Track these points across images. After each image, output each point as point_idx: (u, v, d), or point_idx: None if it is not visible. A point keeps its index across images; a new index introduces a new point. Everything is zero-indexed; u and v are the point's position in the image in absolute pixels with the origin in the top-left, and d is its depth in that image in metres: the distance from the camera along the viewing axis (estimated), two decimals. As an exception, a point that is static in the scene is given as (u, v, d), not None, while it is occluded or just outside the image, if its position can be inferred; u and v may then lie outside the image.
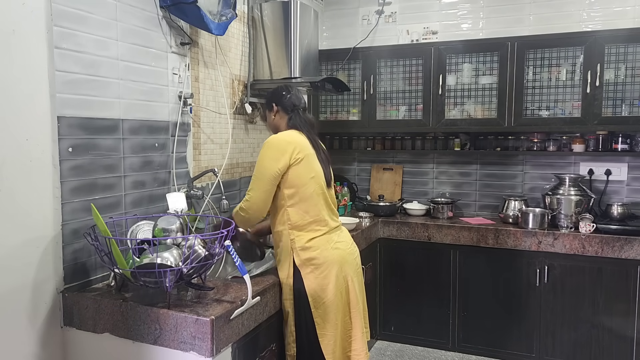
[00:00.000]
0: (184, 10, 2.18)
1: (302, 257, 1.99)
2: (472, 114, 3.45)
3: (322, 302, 1.97)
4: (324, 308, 1.98)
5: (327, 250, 2.00)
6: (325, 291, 1.98)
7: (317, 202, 2.03)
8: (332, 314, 1.98)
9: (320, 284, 1.98)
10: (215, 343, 1.57)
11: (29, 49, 1.65)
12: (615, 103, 3.14)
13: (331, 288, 1.98)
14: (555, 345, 3.07)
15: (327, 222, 2.06)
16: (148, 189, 2.16)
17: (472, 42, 3.43)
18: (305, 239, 2.00)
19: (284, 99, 2.19)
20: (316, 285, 1.97)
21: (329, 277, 1.99)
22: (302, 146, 2.04)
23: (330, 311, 1.98)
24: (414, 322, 3.40)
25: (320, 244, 2.00)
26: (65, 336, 1.81)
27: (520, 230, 3.08)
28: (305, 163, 2.01)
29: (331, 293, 1.98)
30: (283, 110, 2.19)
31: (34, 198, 1.68)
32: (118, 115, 1.99)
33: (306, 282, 1.97)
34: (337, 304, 2.00)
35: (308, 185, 2.01)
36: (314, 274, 1.98)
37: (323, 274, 1.98)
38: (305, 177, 2.01)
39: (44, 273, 1.73)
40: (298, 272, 1.99)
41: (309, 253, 1.99)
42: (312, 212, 2.02)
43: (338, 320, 2.01)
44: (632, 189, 3.30)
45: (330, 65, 3.74)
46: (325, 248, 2.01)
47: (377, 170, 3.93)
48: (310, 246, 1.99)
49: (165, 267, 1.59)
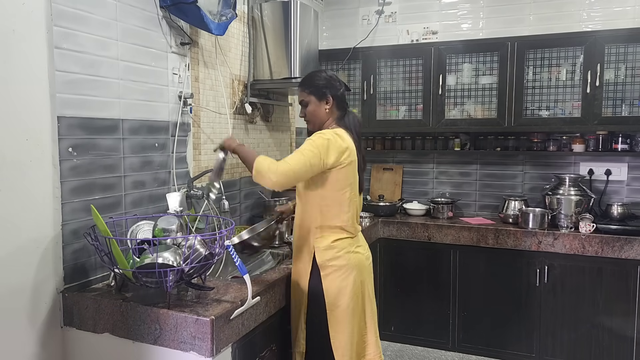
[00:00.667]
0: (184, 10, 2.18)
1: (324, 258, 1.96)
2: (472, 114, 3.45)
3: (338, 305, 1.95)
4: (340, 311, 1.95)
5: (348, 254, 1.98)
6: (343, 294, 1.95)
7: (350, 209, 1.99)
8: (347, 317, 1.96)
9: (339, 286, 1.95)
10: (215, 343, 1.57)
11: (29, 49, 1.64)
12: (615, 103, 3.14)
13: (348, 292, 1.96)
14: (555, 345, 3.07)
15: (355, 228, 2.04)
16: (148, 189, 2.16)
17: (472, 42, 3.43)
18: (329, 240, 1.97)
19: (339, 92, 2.04)
20: (335, 288, 1.95)
21: (348, 280, 1.96)
22: (352, 151, 1.97)
23: (346, 314, 1.96)
24: (414, 322, 3.40)
25: (343, 246, 1.98)
26: (65, 336, 1.81)
27: (520, 230, 3.08)
28: (349, 168, 1.95)
29: (348, 297, 1.96)
30: (337, 104, 2.04)
31: (34, 198, 1.68)
32: (118, 115, 1.99)
33: (325, 283, 1.94)
34: (354, 308, 1.98)
35: (345, 191, 1.96)
36: (334, 275, 1.95)
37: (342, 276, 1.96)
38: (345, 182, 1.95)
39: (44, 273, 1.73)
40: (317, 272, 1.96)
41: (332, 254, 1.96)
42: (343, 216, 1.98)
43: (354, 324, 1.99)
44: (632, 189, 3.30)
45: (330, 65, 3.74)
46: (347, 251, 1.98)
47: (377, 170, 3.94)
48: (333, 247, 1.96)
49: (166, 267, 1.59)
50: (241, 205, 2.94)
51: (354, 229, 2.05)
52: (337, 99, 2.03)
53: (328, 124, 2.03)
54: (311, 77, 2.07)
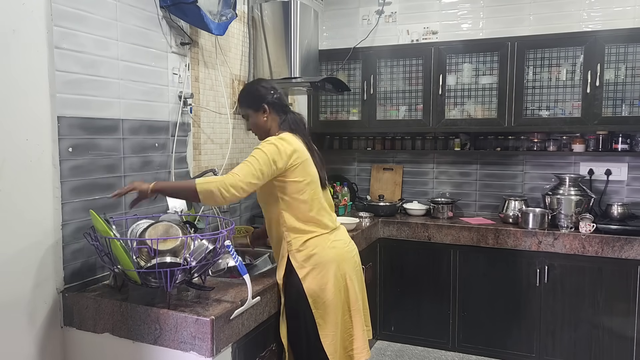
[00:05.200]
0: (184, 10, 2.18)
1: (299, 259, 1.96)
2: (472, 114, 3.45)
3: (322, 302, 1.96)
4: (324, 308, 1.96)
5: (324, 250, 1.99)
6: (324, 291, 1.96)
7: (313, 206, 2.00)
8: (332, 313, 1.97)
9: (319, 283, 1.96)
10: (215, 343, 1.57)
11: (29, 49, 1.65)
12: (615, 103, 3.14)
13: (330, 287, 1.97)
14: (555, 345, 3.07)
15: (325, 224, 2.04)
16: (148, 189, 2.16)
17: (472, 42, 3.43)
18: (301, 240, 1.97)
19: (273, 97, 2.05)
20: (315, 286, 1.96)
21: (327, 276, 1.97)
22: (301, 151, 1.98)
23: (330, 311, 1.97)
24: (414, 322, 3.40)
25: (316, 243, 1.98)
26: (65, 336, 1.81)
27: (520, 230, 3.08)
28: (301, 168, 1.96)
29: (330, 292, 1.97)
30: (275, 111, 2.06)
31: (34, 198, 1.68)
32: (118, 115, 1.99)
33: (305, 284, 1.95)
34: (337, 303, 1.99)
35: (304, 191, 1.97)
36: (312, 274, 1.96)
37: (321, 273, 1.97)
38: (301, 183, 1.96)
39: (44, 273, 1.73)
40: (295, 275, 1.96)
41: (306, 254, 1.96)
42: (308, 215, 1.99)
43: (338, 319, 2.00)
44: (632, 189, 3.30)
45: (330, 65, 3.74)
46: (322, 247, 1.99)
47: (377, 170, 3.93)
48: (306, 247, 1.97)
49: (175, 266, 1.59)
50: (241, 205, 2.94)
51: (326, 225, 2.04)
52: (272, 105, 2.04)
53: (273, 130, 2.05)
54: (245, 91, 2.12)
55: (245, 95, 2.10)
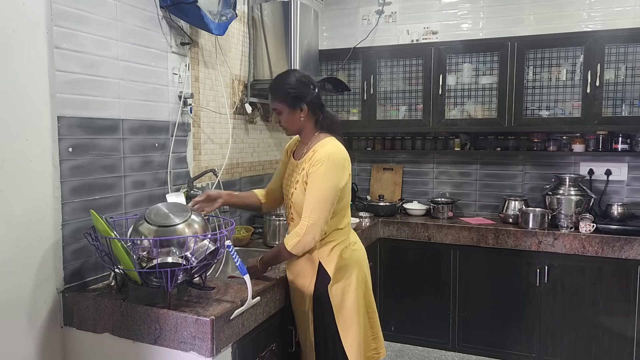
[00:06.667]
0: (184, 10, 2.18)
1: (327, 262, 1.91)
2: (472, 114, 3.45)
3: (344, 305, 1.93)
4: (347, 311, 1.93)
5: (347, 253, 1.96)
6: (347, 293, 1.94)
7: (347, 211, 1.98)
8: (354, 315, 1.95)
9: (343, 285, 1.93)
10: (215, 343, 1.57)
11: (29, 49, 1.64)
12: (616, 103, 3.14)
13: (352, 290, 1.94)
14: (555, 345, 3.07)
15: (349, 229, 2.03)
16: (148, 189, 2.16)
17: (472, 42, 3.43)
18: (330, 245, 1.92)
19: (311, 96, 1.88)
20: (339, 289, 1.93)
21: (350, 278, 1.95)
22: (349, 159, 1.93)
23: (353, 313, 1.94)
24: (414, 322, 3.40)
25: (342, 247, 1.95)
26: (65, 336, 1.81)
27: (520, 230, 3.08)
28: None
29: (353, 295, 1.94)
30: (313, 109, 1.91)
31: (34, 198, 1.68)
32: (118, 115, 1.99)
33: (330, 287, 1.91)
34: (359, 305, 1.97)
35: (343, 197, 1.92)
36: (336, 277, 1.92)
37: (345, 276, 1.94)
38: (346, 190, 1.92)
39: (44, 273, 1.73)
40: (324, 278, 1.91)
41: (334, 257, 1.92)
42: (343, 220, 1.97)
43: (361, 322, 1.98)
44: (632, 189, 3.30)
45: (330, 65, 3.74)
46: (346, 251, 1.96)
47: (377, 170, 3.93)
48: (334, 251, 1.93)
49: (176, 266, 1.59)
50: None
51: (349, 229, 2.04)
52: (311, 104, 1.90)
53: (307, 130, 1.94)
54: (280, 85, 1.90)
55: (282, 89, 1.88)
